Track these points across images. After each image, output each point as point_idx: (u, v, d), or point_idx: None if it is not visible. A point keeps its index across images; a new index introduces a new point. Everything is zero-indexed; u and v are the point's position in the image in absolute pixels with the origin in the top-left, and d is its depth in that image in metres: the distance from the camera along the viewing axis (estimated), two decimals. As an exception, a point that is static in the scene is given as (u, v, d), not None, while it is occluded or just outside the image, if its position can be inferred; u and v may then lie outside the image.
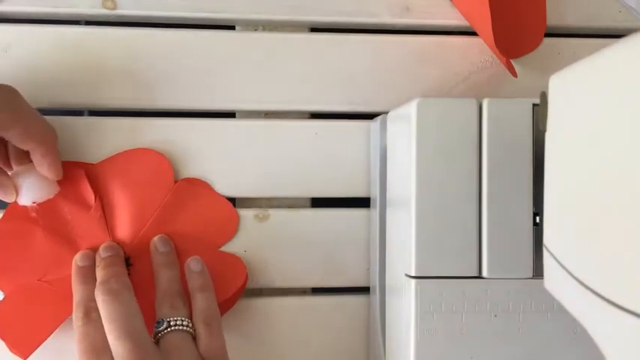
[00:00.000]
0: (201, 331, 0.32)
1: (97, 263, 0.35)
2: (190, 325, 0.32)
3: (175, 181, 0.38)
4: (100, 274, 0.34)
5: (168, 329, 0.31)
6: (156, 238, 0.36)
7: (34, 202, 0.35)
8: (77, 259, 0.35)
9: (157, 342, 0.31)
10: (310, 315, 0.39)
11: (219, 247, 0.38)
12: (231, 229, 0.38)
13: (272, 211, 0.39)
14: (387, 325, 0.35)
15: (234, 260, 0.38)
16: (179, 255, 0.37)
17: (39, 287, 0.36)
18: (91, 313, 0.32)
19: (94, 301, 0.32)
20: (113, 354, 0.30)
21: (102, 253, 0.35)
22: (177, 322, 0.32)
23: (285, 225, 0.39)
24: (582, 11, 0.41)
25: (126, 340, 0.29)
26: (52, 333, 0.35)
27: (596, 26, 0.41)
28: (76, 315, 0.32)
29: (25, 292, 0.35)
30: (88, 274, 0.34)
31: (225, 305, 0.37)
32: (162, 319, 0.32)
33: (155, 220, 0.37)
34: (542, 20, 0.39)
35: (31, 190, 0.35)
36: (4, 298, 0.35)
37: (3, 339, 0.35)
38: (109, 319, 0.30)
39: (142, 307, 0.32)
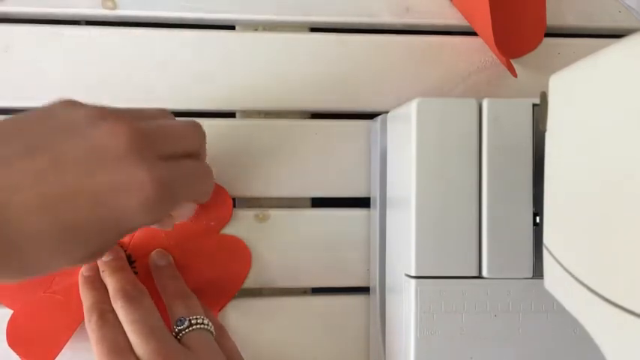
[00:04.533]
0: (216, 334, 0.33)
1: (100, 268, 0.35)
2: (211, 325, 0.32)
3: None
4: (110, 279, 0.33)
5: (190, 328, 0.31)
6: (153, 254, 0.36)
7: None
8: (82, 271, 0.35)
9: (179, 341, 0.31)
10: (310, 315, 0.39)
11: (219, 230, 0.38)
12: (226, 212, 0.38)
13: (272, 211, 0.39)
14: (387, 325, 0.35)
15: (237, 242, 0.38)
16: (180, 243, 0.37)
17: (47, 299, 0.36)
18: (105, 314, 0.31)
19: (107, 303, 0.32)
20: (138, 354, 0.29)
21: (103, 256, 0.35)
22: (199, 321, 0.31)
23: (285, 225, 0.39)
24: (582, 11, 0.41)
25: (150, 338, 0.29)
26: (67, 342, 0.35)
27: (596, 26, 0.41)
28: (90, 319, 0.31)
29: (34, 306, 0.35)
30: (95, 280, 0.34)
31: (232, 290, 0.37)
32: (183, 318, 0.31)
33: None
34: (542, 20, 0.39)
35: (180, 216, 0.34)
36: (13, 315, 0.35)
37: (19, 355, 0.35)
38: (130, 322, 0.30)
39: None
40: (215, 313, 0.38)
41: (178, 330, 0.31)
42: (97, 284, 0.34)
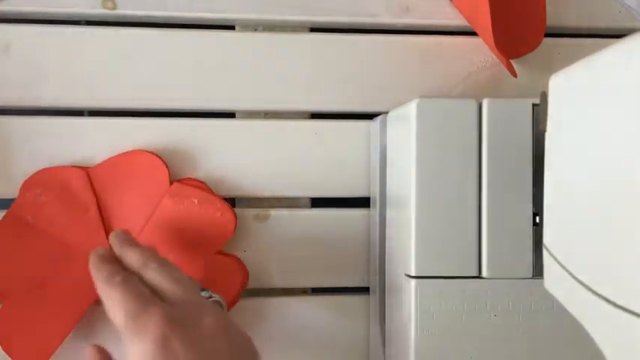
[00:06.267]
0: None
1: (117, 246, 0.32)
2: (224, 302, 0.33)
3: (171, 182, 0.37)
4: (133, 251, 0.31)
5: (211, 299, 0.32)
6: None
7: None
8: (96, 251, 0.32)
9: None
10: (310, 315, 0.39)
11: (219, 248, 0.38)
12: (229, 229, 0.37)
13: (272, 211, 0.39)
14: (387, 325, 0.35)
15: (234, 261, 0.38)
16: (177, 256, 0.37)
17: (37, 294, 0.36)
18: (129, 276, 0.29)
19: (127, 271, 0.30)
20: (169, 294, 0.28)
21: (115, 237, 0.33)
22: (214, 297, 0.32)
23: (285, 225, 0.39)
24: (582, 11, 0.41)
25: (181, 284, 0.29)
26: (59, 345, 0.35)
27: (596, 26, 0.41)
28: (113, 279, 0.29)
29: (24, 299, 0.35)
30: (112, 256, 0.32)
31: (228, 305, 0.37)
32: (206, 289, 0.32)
33: (152, 222, 0.37)
34: (542, 20, 0.39)
35: None
36: (3, 306, 0.35)
37: (8, 353, 0.35)
38: (167, 279, 0.29)
39: None
40: None
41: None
42: (113, 259, 0.31)
